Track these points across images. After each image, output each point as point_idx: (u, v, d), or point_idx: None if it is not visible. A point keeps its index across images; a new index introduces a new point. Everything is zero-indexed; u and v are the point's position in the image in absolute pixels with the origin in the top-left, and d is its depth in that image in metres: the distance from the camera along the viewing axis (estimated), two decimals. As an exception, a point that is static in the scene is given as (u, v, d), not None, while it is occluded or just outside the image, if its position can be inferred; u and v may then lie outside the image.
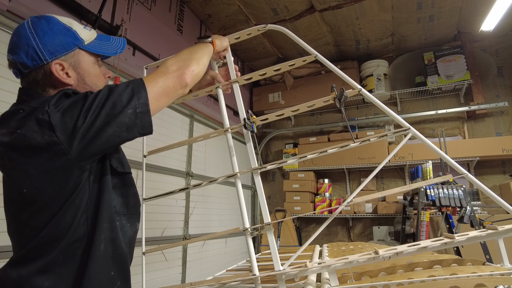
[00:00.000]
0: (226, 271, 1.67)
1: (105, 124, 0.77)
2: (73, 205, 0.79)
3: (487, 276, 0.89)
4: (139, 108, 0.81)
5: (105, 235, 0.82)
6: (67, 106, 0.77)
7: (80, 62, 0.91)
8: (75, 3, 2.12)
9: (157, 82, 0.86)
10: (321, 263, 1.01)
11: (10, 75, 1.80)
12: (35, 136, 0.74)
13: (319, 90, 4.26)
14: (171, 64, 0.91)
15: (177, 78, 0.89)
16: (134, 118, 0.81)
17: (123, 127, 0.80)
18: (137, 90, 0.83)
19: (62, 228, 0.78)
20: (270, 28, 1.31)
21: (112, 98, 0.79)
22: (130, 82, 0.85)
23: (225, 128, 1.21)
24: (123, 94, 0.81)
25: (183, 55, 0.98)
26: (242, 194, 1.13)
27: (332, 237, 4.24)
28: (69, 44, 0.89)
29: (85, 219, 0.81)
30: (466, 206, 2.57)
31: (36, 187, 0.76)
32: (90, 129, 0.76)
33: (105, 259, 0.82)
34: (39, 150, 0.75)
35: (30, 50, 0.84)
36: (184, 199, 3.17)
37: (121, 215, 0.89)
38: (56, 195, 0.77)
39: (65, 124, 0.75)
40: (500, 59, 3.84)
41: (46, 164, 0.76)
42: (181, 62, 0.93)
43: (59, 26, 0.88)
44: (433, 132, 3.95)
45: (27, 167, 0.76)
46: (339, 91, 1.12)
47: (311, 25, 3.62)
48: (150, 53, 2.76)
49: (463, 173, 1.02)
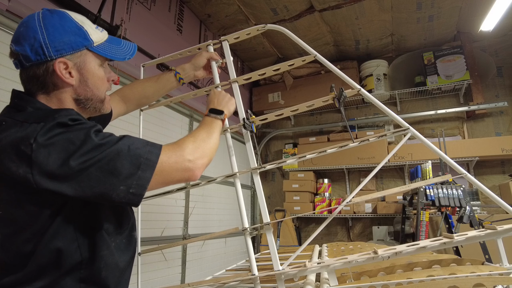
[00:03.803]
0: (226, 271, 1.68)
1: (88, 187, 0.70)
2: (57, 233, 0.74)
3: (486, 276, 0.89)
4: (133, 189, 0.74)
5: (105, 261, 0.80)
6: (58, 144, 0.70)
7: (85, 63, 0.86)
8: (75, 3, 2.12)
9: (165, 170, 0.79)
10: (320, 263, 1.01)
11: (10, 75, 1.81)
12: (11, 165, 0.69)
13: (318, 90, 4.26)
14: (191, 152, 0.84)
15: (188, 173, 0.83)
16: (123, 195, 0.73)
17: (107, 198, 0.73)
18: (144, 169, 0.75)
19: (48, 258, 0.73)
20: (269, 28, 1.31)
21: (112, 166, 0.72)
22: (143, 156, 0.76)
23: (224, 128, 1.21)
24: (126, 167, 0.73)
25: (202, 141, 0.91)
26: (241, 194, 1.13)
27: (332, 237, 4.25)
28: (78, 44, 0.83)
29: (77, 247, 0.76)
30: (466, 206, 2.57)
31: (11, 212, 0.72)
32: (70, 182, 0.69)
33: (106, 281, 0.81)
34: (13, 180, 0.70)
35: (36, 44, 0.79)
36: (183, 199, 3.17)
37: (115, 234, 0.85)
38: (32, 223, 0.72)
39: (46, 165, 0.68)
40: (499, 59, 3.85)
41: (18, 194, 0.71)
42: (200, 152, 0.87)
43: (71, 24, 0.83)
44: (432, 132, 3.96)
45: (0, 191, 0.72)
46: (339, 91, 1.12)
47: (311, 25, 3.62)
48: (149, 53, 2.75)
49: (462, 173, 1.02)
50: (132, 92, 1.24)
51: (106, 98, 0.93)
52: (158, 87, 1.26)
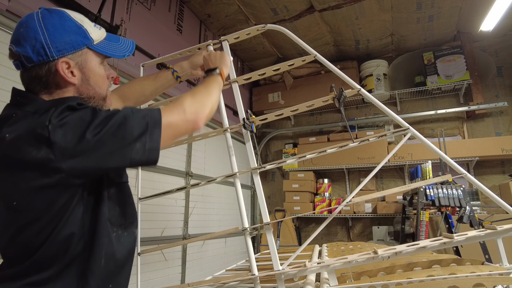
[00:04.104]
0: (226, 271, 1.68)
1: (108, 153, 0.74)
2: (67, 221, 0.75)
3: (486, 276, 0.89)
4: (148, 144, 0.78)
5: (106, 250, 0.80)
6: (71, 122, 0.73)
7: (86, 62, 0.87)
8: (75, 3, 2.12)
9: (171, 123, 0.83)
10: (320, 263, 1.01)
11: (10, 75, 1.81)
12: (30, 150, 0.70)
13: (318, 90, 4.26)
14: (189, 105, 0.88)
15: (191, 124, 0.87)
16: (141, 153, 0.77)
17: (127, 159, 0.76)
18: (152, 126, 0.79)
19: (58, 245, 0.75)
20: (269, 28, 1.31)
21: (123, 129, 0.75)
22: (147, 114, 0.81)
23: (224, 127, 1.21)
24: (136, 127, 0.77)
25: (199, 94, 0.95)
26: (241, 194, 1.13)
27: (332, 237, 4.25)
28: (78, 43, 0.84)
29: (82, 235, 0.77)
30: (466, 206, 2.57)
31: (28, 200, 0.73)
32: (91, 154, 0.72)
33: (105, 273, 0.81)
34: (33, 165, 0.71)
35: (37, 44, 0.79)
36: (183, 199, 3.17)
37: (118, 225, 0.86)
38: (48, 211, 0.74)
39: (65, 142, 0.71)
40: (499, 59, 3.85)
41: (38, 180, 0.72)
42: (198, 103, 0.91)
43: (71, 24, 0.84)
44: (432, 132, 3.96)
45: (17, 180, 0.73)
46: (338, 91, 1.12)
47: (311, 25, 3.62)
48: (149, 52, 2.75)
49: (462, 173, 1.02)
50: (130, 90, 1.24)
51: (107, 95, 0.95)
52: (156, 85, 1.27)
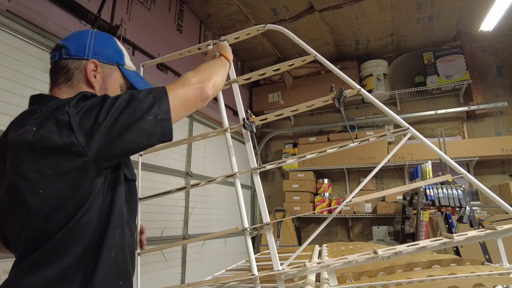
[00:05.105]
0: (226, 271, 1.68)
1: (124, 129, 0.77)
2: (89, 209, 0.78)
3: (486, 276, 0.89)
4: (160, 115, 0.81)
5: (116, 241, 0.82)
6: (87, 108, 0.78)
7: (111, 76, 0.98)
8: (75, 3, 2.12)
9: (177, 93, 0.86)
10: (320, 263, 1.01)
11: (10, 75, 1.81)
12: (53, 136, 0.74)
13: (318, 90, 4.26)
14: (192, 76, 0.91)
15: (198, 90, 0.89)
16: (154, 125, 0.80)
17: (143, 133, 0.79)
18: (159, 98, 0.82)
19: (77, 232, 0.77)
20: (269, 28, 1.31)
21: (132, 104, 0.79)
22: (152, 89, 0.85)
23: (224, 128, 1.21)
24: (144, 101, 0.81)
25: (203, 68, 0.98)
26: (241, 194, 1.13)
27: (332, 237, 4.25)
28: (113, 57, 0.98)
29: (98, 224, 0.80)
30: (466, 206, 2.57)
31: (53, 187, 0.75)
32: (108, 132, 0.76)
33: (115, 266, 0.81)
34: (57, 151, 0.74)
35: (81, 44, 0.93)
36: (183, 199, 3.17)
37: (127, 223, 0.88)
38: (73, 196, 0.77)
39: (83, 125, 0.75)
40: (499, 59, 3.85)
41: (63, 165, 0.75)
42: (201, 74, 0.93)
43: (115, 45, 1.00)
44: (432, 132, 3.96)
45: (43, 168, 0.75)
46: (338, 91, 1.12)
47: (311, 25, 3.62)
48: (149, 53, 2.75)
49: (462, 173, 1.02)
50: None
51: None
52: None
